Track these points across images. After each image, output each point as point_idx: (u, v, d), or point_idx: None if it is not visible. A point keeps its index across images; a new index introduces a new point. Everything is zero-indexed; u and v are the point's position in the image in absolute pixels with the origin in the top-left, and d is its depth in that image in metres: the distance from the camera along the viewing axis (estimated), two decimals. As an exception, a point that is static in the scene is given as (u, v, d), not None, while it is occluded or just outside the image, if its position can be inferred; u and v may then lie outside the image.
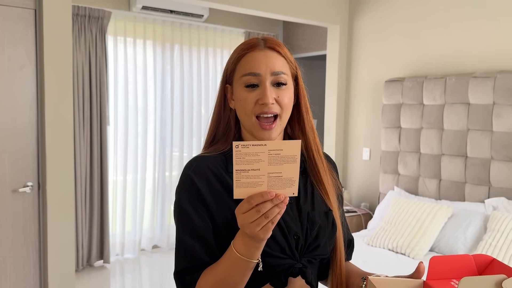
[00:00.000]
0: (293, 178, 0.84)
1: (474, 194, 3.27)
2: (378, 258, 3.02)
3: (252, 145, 0.81)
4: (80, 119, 3.86)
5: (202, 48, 4.66)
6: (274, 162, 0.82)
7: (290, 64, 1.06)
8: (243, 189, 0.83)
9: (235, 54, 1.05)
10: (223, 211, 0.99)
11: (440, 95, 3.44)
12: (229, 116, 1.09)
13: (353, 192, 4.36)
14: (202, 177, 1.01)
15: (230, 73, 1.06)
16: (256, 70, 1.01)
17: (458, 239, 2.98)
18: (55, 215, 2.73)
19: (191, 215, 0.99)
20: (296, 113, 1.10)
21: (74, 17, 3.75)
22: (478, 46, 3.38)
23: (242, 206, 0.84)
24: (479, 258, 0.84)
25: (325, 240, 1.04)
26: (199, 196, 1.00)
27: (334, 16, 4.21)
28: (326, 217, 1.06)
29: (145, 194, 4.45)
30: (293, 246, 1.00)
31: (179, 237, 1.01)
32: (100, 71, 3.95)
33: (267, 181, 0.83)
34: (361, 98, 4.26)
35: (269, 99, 0.99)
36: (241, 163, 0.81)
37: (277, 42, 1.05)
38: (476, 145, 3.25)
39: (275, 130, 1.02)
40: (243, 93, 1.02)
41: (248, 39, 1.06)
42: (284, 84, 1.02)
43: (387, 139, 3.85)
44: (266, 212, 0.82)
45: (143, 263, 4.31)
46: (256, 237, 0.85)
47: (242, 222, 0.84)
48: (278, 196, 0.82)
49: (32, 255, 2.74)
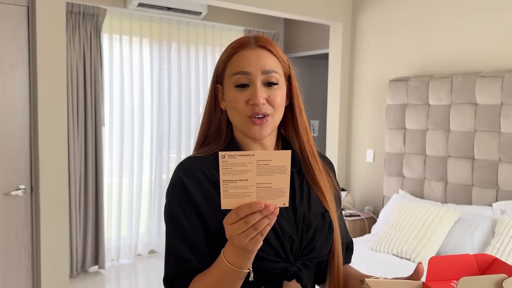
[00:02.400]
0: (283, 188, 0.82)
1: (481, 198, 3.27)
2: (382, 263, 3.02)
3: (239, 155, 0.80)
4: (74, 120, 3.86)
5: (200, 47, 4.67)
6: (263, 173, 0.81)
7: (283, 63, 1.06)
8: (231, 199, 0.82)
9: (226, 52, 1.06)
10: (214, 214, 0.99)
11: (447, 95, 3.44)
12: (220, 117, 1.10)
13: (356, 195, 4.36)
14: (193, 179, 1.02)
15: (220, 72, 1.07)
16: (246, 69, 1.01)
17: (465, 244, 2.98)
18: (49, 219, 2.73)
19: (181, 219, 1.00)
20: (289, 114, 1.10)
21: (68, 14, 3.76)
22: (486, 44, 3.38)
23: (230, 217, 0.83)
24: (480, 257, 0.84)
25: (321, 242, 1.04)
26: (189, 199, 1.00)
27: (336, 13, 4.22)
28: (323, 218, 1.07)
29: (141, 197, 4.45)
30: (287, 249, 1.00)
31: (169, 242, 1.01)
32: (95, 71, 3.95)
33: (256, 191, 0.82)
34: (364, 98, 4.27)
35: (259, 99, 0.99)
36: (228, 173, 0.80)
37: (269, 41, 1.05)
38: (483, 146, 3.25)
39: (265, 127, 1.02)
40: (233, 93, 1.02)
41: (239, 38, 1.07)
42: (275, 84, 1.02)
43: (391, 141, 3.85)
44: (255, 223, 0.81)
45: (139, 269, 4.31)
46: (245, 249, 0.85)
47: (230, 233, 0.84)
48: (268, 207, 0.81)
49: (25, 261, 2.74)
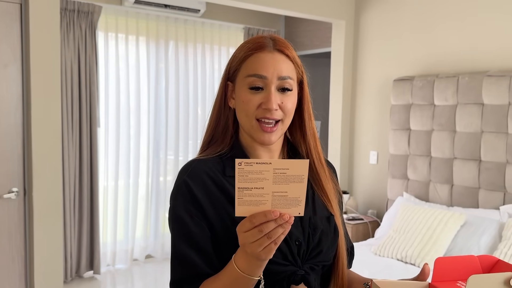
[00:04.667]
0: (299, 198, 0.84)
1: (488, 201, 3.27)
2: (386, 268, 3.01)
3: (256, 163, 0.81)
4: (69, 120, 3.86)
5: (198, 45, 4.67)
6: (280, 181, 0.82)
7: (297, 69, 1.08)
8: (246, 207, 0.83)
9: (242, 52, 1.07)
10: (221, 217, 1.01)
11: (452, 95, 3.45)
12: (228, 115, 1.10)
13: (359, 198, 4.36)
14: (198, 182, 1.03)
15: (234, 71, 1.08)
16: (263, 73, 1.02)
17: (471, 248, 2.98)
18: (42, 222, 2.73)
19: (187, 222, 1.01)
20: (298, 118, 1.12)
21: (62, 11, 3.76)
22: (493, 43, 3.38)
23: (243, 224, 0.84)
24: (484, 259, 0.88)
25: (327, 245, 1.06)
26: (195, 202, 1.01)
27: (339, 11, 4.22)
28: (328, 222, 1.09)
29: (137, 200, 4.45)
30: (295, 252, 1.02)
31: (175, 246, 1.02)
32: (90, 70, 3.95)
33: (271, 200, 0.83)
34: (368, 98, 4.27)
35: (273, 105, 1.01)
36: (244, 181, 0.82)
37: (287, 45, 1.07)
38: (490, 148, 3.25)
39: (275, 134, 1.04)
40: (247, 95, 1.03)
41: (256, 37, 1.08)
42: (289, 90, 1.04)
43: (395, 142, 3.85)
44: (269, 232, 0.82)
45: (136, 274, 4.31)
46: (257, 257, 0.86)
47: (243, 241, 0.85)
48: (283, 215, 0.82)
49: (18, 266, 2.74)
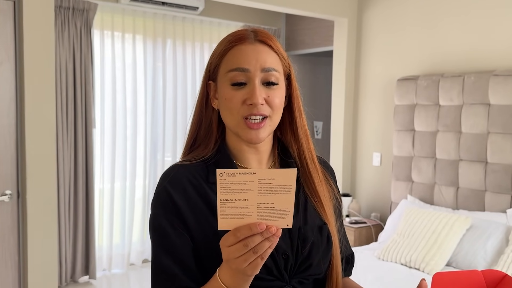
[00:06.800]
0: (287, 209, 0.80)
1: (495, 204, 3.27)
2: (390, 273, 3.01)
3: (239, 173, 0.78)
4: (64, 121, 3.86)
5: (197, 44, 4.67)
6: (265, 192, 0.79)
7: (283, 61, 1.03)
8: (229, 220, 0.80)
9: (221, 46, 1.02)
10: (202, 227, 0.97)
11: (458, 95, 3.45)
12: (211, 117, 1.06)
13: (362, 201, 4.36)
14: (179, 189, 0.99)
15: (214, 68, 1.03)
16: (244, 65, 0.97)
17: (478, 252, 2.98)
18: (36, 226, 2.73)
19: (169, 233, 0.97)
20: (288, 116, 1.07)
21: (57, 9, 3.76)
22: (499, 41, 3.38)
23: (227, 238, 0.80)
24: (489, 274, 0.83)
25: (318, 258, 1.02)
26: (176, 211, 0.98)
27: (341, 9, 4.23)
28: (320, 232, 1.04)
29: (134, 203, 4.45)
30: (281, 267, 0.98)
31: (156, 257, 0.98)
32: (85, 69, 3.96)
33: (256, 212, 0.79)
34: (371, 98, 4.27)
35: (258, 99, 0.96)
36: (226, 192, 0.78)
37: (269, 35, 1.02)
38: (497, 149, 3.25)
39: (263, 130, 0.99)
40: (229, 92, 0.99)
41: (236, 30, 1.04)
42: (275, 84, 1.00)
43: (399, 143, 3.85)
44: (254, 246, 0.79)
45: (132, 279, 4.31)
46: (243, 273, 0.83)
47: (227, 256, 0.82)
48: (269, 228, 0.78)
49: (11, 270, 2.73)
